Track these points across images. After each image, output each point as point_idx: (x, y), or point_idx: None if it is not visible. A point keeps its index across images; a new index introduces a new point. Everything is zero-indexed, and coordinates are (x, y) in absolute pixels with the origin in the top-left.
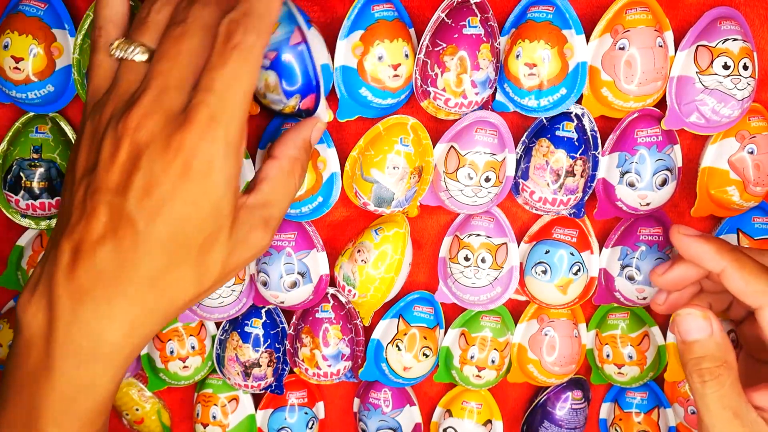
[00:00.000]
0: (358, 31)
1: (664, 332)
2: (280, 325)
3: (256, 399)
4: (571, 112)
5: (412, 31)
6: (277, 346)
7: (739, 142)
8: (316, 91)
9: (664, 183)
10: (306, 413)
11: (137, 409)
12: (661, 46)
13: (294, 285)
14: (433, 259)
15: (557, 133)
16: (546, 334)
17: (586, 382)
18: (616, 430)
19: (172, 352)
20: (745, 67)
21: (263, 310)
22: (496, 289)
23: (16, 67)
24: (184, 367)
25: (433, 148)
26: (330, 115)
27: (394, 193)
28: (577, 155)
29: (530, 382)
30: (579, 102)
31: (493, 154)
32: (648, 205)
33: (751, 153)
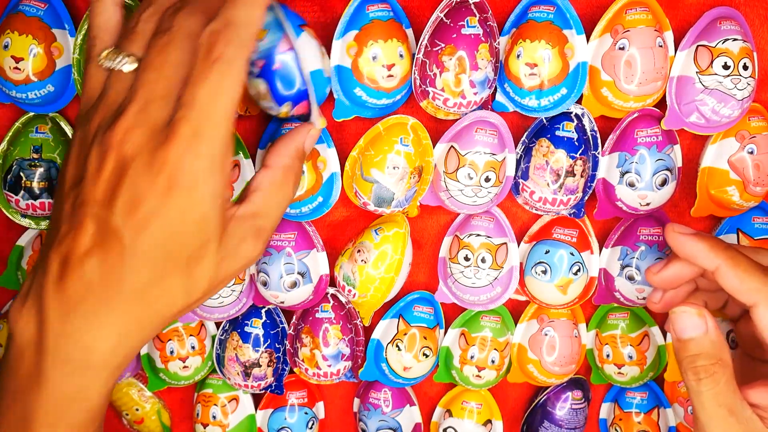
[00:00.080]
0: (352, 31)
1: (664, 332)
2: (280, 325)
3: (256, 399)
4: (571, 112)
5: (410, 32)
6: (277, 346)
7: (739, 142)
8: (308, 98)
9: (664, 183)
10: (306, 413)
11: (137, 409)
12: (661, 46)
13: (294, 285)
14: (433, 259)
15: (557, 133)
16: (546, 334)
17: (586, 382)
18: (616, 430)
19: (172, 352)
20: (745, 67)
21: (263, 310)
22: (496, 289)
23: (16, 67)
24: (184, 367)
25: (433, 148)
26: (323, 122)
27: (394, 193)
28: (577, 155)
29: (530, 382)
30: (579, 102)
31: (493, 154)
32: (648, 205)
33: (751, 153)
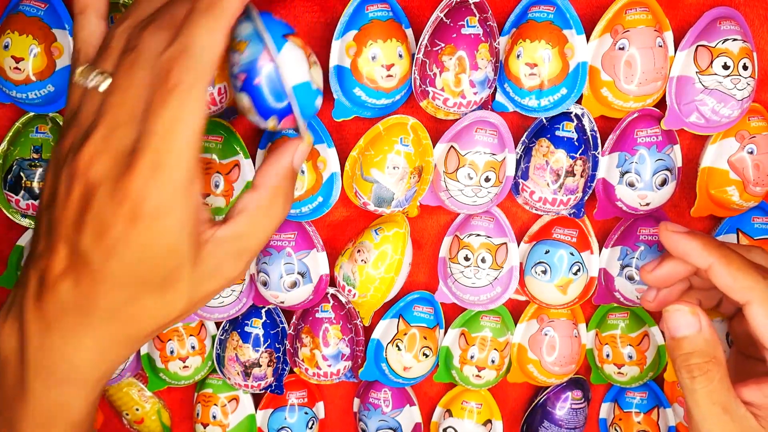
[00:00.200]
0: (351, 31)
1: (664, 332)
2: (280, 325)
3: (256, 399)
4: (571, 112)
5: (410, 31)
6: (277, 346)
7: (739, 142)
8: (293, 112)
9: (664, 183)
10: (306, 413)
11: (137, 409)
12: (661, 46)
13: (294, 285)
14: (433, 259)
15: (557, 133)
16: (546, 334)
17: (586, 382)
18: (616, 429)
19: (172, 352)
20: (745, 67)
21: (263, 310)
22: (496, 289)
23: (17, 67)
24: (184, 367)
25: (433, 148)
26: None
27: (394, 193)
28: (577, 155)
29: (530, 382)
30: (579, 102)
31: (493, 154)
32: (648, 205)
33: (751, 153)
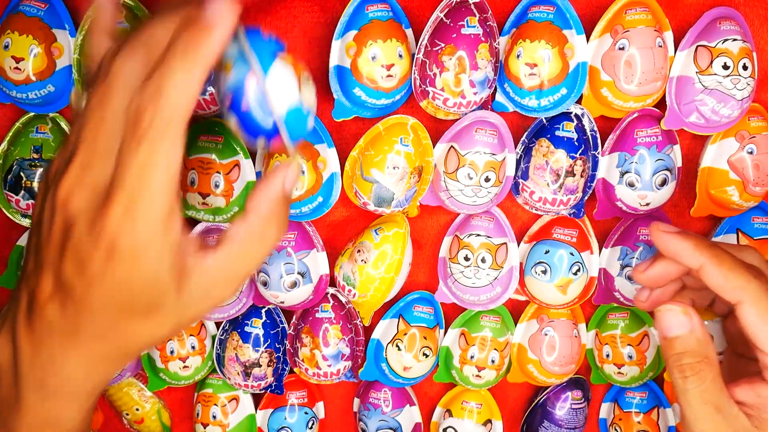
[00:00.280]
0: (351, 31)
1: None
2: (280, 325)
3: (256, 399)
4: (571, 112)
5: (410, 32)
6: (277, 346)
7: (739, 142)
8: (280, 134)
9: (664, 183)
10: (306, 413)
11: (137, 409)
12: (661, 46)
13: (294, 285)
14: (433, 259)
15: (557, 133)
16: (546, 334)
17: (586, 382)
18: (616, 429)
19: (172, 352)
20: (745, 68)
21: (263, 310)
22: (496, 289)
23: (17, 67)
24: (184, 367)
25: (433, 148)
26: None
27: (394, 193)
28: (577, 155)
29: (530, 382)
30: (579, 102)
31: (493, 154)
32: (648, 205)
33: (751, 153)
